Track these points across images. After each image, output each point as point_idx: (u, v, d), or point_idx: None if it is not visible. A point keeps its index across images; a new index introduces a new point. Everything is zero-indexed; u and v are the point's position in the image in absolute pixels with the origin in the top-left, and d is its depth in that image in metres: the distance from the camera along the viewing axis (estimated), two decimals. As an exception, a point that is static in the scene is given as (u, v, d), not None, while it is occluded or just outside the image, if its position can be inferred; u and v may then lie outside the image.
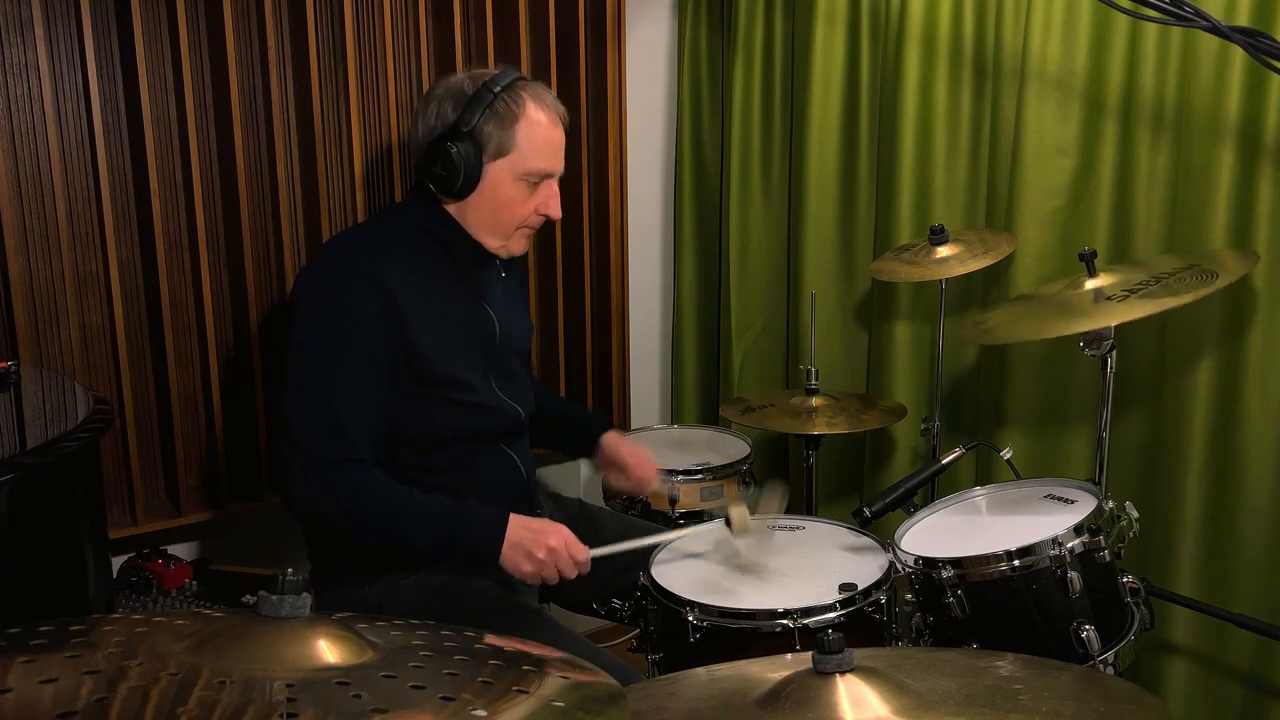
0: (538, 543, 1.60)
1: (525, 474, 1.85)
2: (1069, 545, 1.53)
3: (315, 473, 1.59)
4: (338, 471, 1.59)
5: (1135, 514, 1.67)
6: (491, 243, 1.76)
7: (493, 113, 1.68)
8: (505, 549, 1.60)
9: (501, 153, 1.69)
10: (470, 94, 1.68)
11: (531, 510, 1.88)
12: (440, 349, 1.69)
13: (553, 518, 1.94)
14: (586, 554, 1.63)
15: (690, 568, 1.72)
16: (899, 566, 1.64)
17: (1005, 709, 0.93)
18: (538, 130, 1.70)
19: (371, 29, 2.14)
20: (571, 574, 1.62)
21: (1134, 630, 1.60)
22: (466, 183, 1.69)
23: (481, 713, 0.71)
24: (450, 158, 1.66)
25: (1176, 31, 1.97)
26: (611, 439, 1.99)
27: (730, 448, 2.37)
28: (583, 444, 2.03)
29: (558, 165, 1.76)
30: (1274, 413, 1.91)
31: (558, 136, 1.74)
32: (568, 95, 2.51)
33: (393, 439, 1.68)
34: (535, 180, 1.72)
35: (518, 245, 1.79)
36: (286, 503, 1.64)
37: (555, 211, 1.76)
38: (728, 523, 1.73)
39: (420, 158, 1.72)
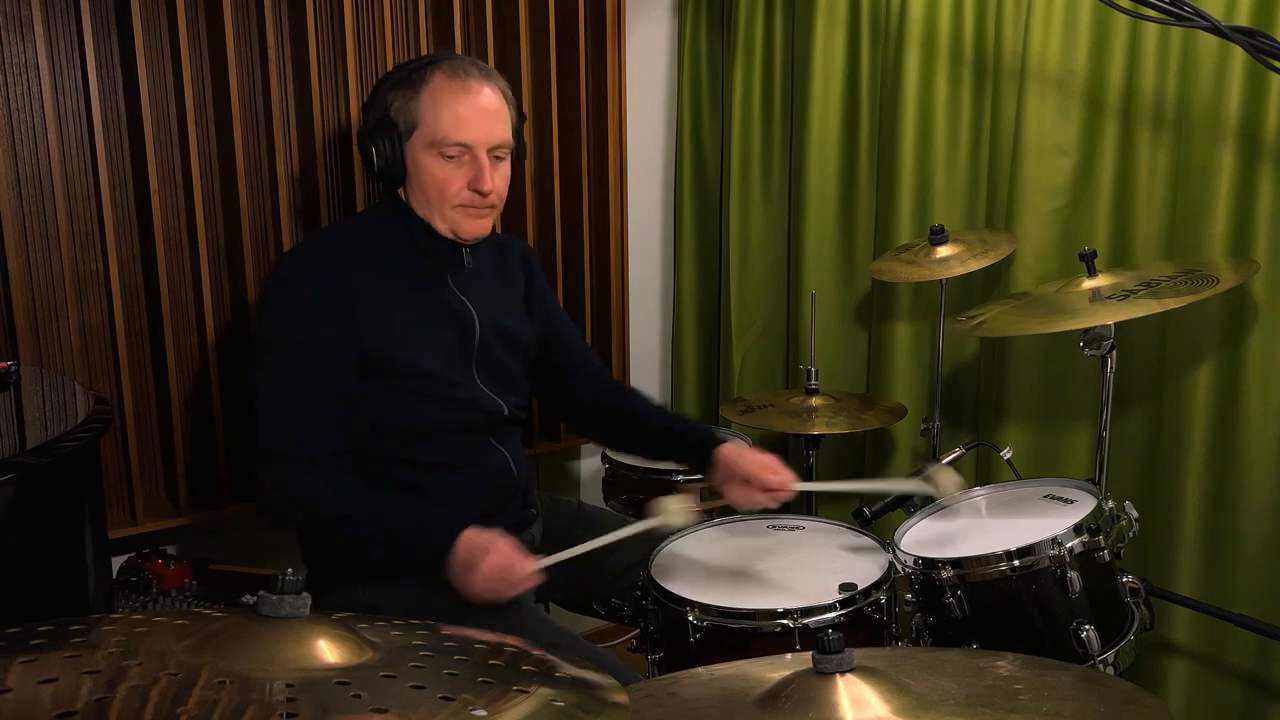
0: (478, 561, 1.51)
1: (516, 470, 1.82)
2: (1069, 545, 1.53)
3: (275, 471, 1.61)
4: (295, 470, 1.60)
5: (1135, 514, 1.67)
6: (439, 225, 1.70)
7: (399, 90, 1.66)
8: (452, 563, 1.53)
9: (411, 128, 1.66)
10: (382, 79, 1.69)
11: (526, 508, 1.88)
12: (408, 344, 1.68)
13: (549, 518, 1.94)
14: (532, 566, 1.52)
15: (690, 567, 1.72)
16: (899, 567, 1.64)
17: (1005, 709, 0.93)
18: (443, 97, 1.64)
19: (371, 29, 2.14)
20: (520, 589, 1.53)
21: (1134, 630, 1.60)
22: (391, 168, 1.67)
23: (482, 712, 0.71)
24: (365, 146, 1.67)
25: (1176, 31, 1.97)
26: (729, 451, 1.75)
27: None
28: (696, 459, 1.82)
29: (476, 135, 1.65)
30: (1274, 413, 1.91)
31: (473, 103, 1.65)
32: (568, 95, 2.51)
33: (374, 433, 1.68)
34: (453, 153, 1.65)
35: (464, 227, 1.70)
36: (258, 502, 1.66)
37: (485, 184, 1.66)
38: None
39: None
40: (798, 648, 1.50)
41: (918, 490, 1.69)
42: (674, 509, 1.59)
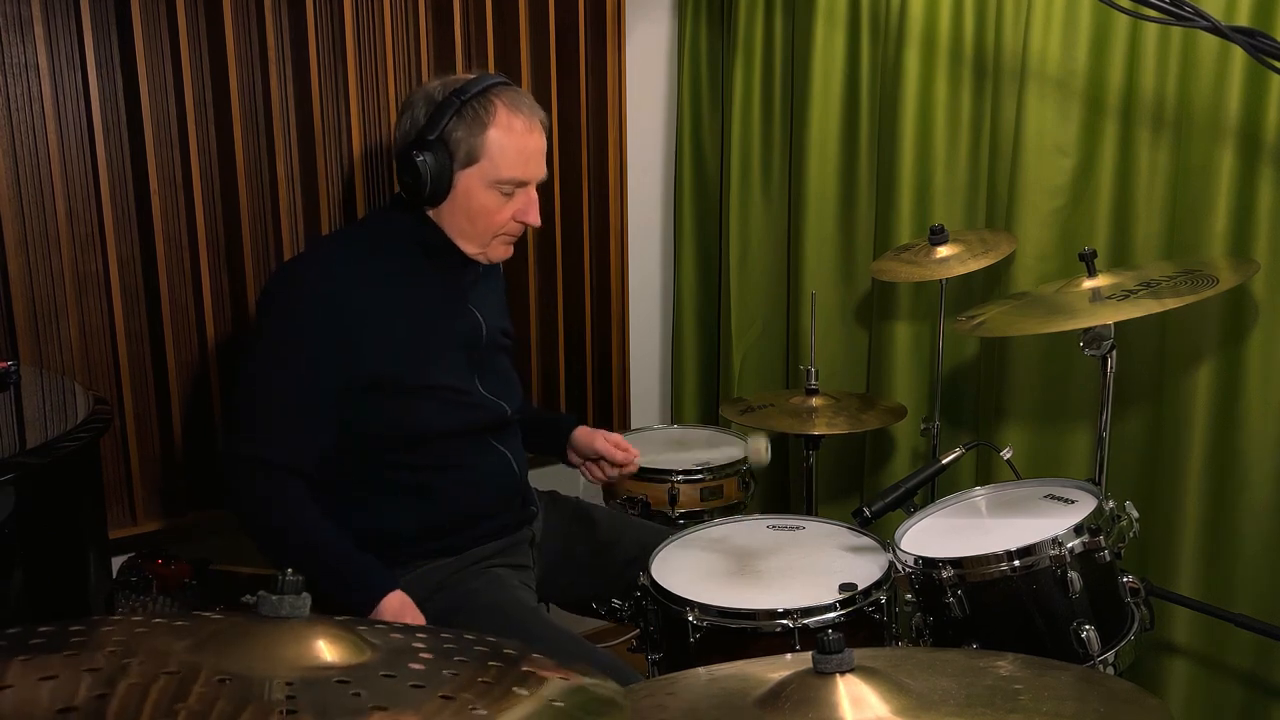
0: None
1: (517, 469, 1.84)
2: (1069, 545, 1.53)
3: (241, 474, 1.62)
4: (257, 477, 1.61)
5: (1135, 514, 1.67)
6: (470, 249, 1.74)
7: (461, 119, 1.65)
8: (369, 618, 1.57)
9: (471, 160, 1.67)
10: (440, 100, 1.67)
11: (526, 506, 1.88)
12: (415, 361, 1.69)
13: (548, 516, 1.95)
14: None
15: (691, 567, 1.72)
16: (899, 566, 1.64)
17: (1005, 709, 0.93)
18: (509, 137, 1.67)
19: (371, 29, 2.14)
20: None
21: (1134, 630, 1.60)
22: (436, 192, 1.67)
23: (483, 712, 0.71)
24: (415, 167, 1.65)
25: (1176, 31, 1.97)
26: (583, 432, 1.96)
27: (730, 448, 2.37)
28: (555, 442, 1.99)
29: (534, 173, 1.72)
30: (1274, 413, 1.91)
31: (533, 143, 1.71)
32: (568, 95, 2.51)
33: (377, 438, 1.69)
34: (509, 189, 1.70)
35: (497, 252, 1.76)
36: None
37: (534, 219, 1.74)
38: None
39: (396, 165, 1.72)
40: (798, 648, 1.50)
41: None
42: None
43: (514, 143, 1.68)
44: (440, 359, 1.73)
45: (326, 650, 0.77)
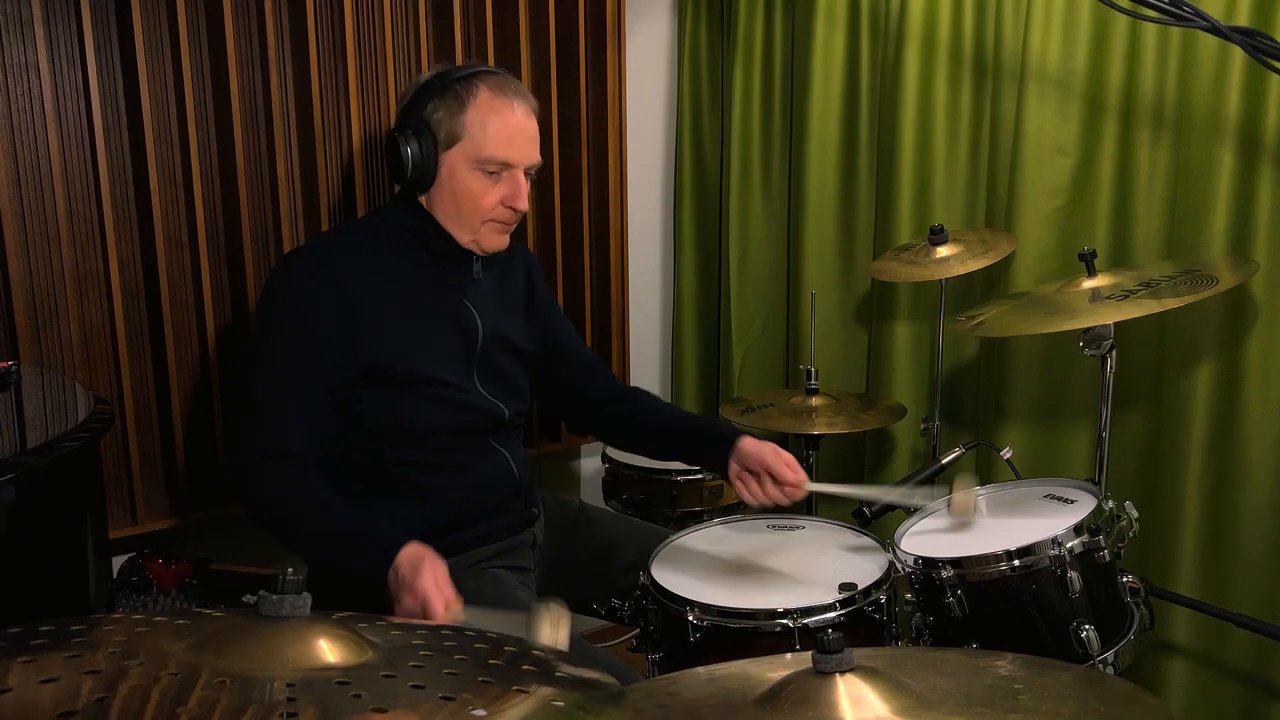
0: (413, 578, 1.48)
1: (517, 471, 1.83)
2: (1069, 545, 1.53)
3: (249, 466, 1.61)
4: (265, 466, 1.60)
5: (1135, 514, 1.67)
6: (462, 236, 1.73)
7: (443, 101, 1.66)
8: (390, 574, 1.52)
9: (453, 140, 1.67)
10: (423, 84, 1.69)
11: (527, 508, 1.88)
12: (411, 352, 1.69)
13: (550, 519, 1.95)
14: (455, 599, 1.48)
15: (691, 567, 1.72)
16: (899, 566, 1.64)
17: (1005, 709, 0.93)
18: (490, 116, 1.66)
19: (371, 29, 2.14)
20: (439, 609, 1.44)
21: (1134, 630, 1.60)
22: (422, 174, 1.67)
23: (481, 712, 0.71)
24: (398, 149, 1.66)
25: (1176, 31, 1.97)
26: (752, 442, 1.73)
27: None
28: (715, 452, 1.77)
29: (519, 155, 1.69)
30: (1274, 413, 1.91)
31: (516, 123, 1.69)
32: (568, 95, 2.51)
33: (376, 434, 1.69)
34: (494, 169, 1.68)
35: (489, 240, 1.74)
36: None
37: (521, 204, 1.71)
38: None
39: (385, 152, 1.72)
40: (798, 647, 1.50)
41: (930, 504, 1.75)
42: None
43: (495, 121, 1.67)
44: (434, 352, 1.72)
45: (327, 650, 0.77)
